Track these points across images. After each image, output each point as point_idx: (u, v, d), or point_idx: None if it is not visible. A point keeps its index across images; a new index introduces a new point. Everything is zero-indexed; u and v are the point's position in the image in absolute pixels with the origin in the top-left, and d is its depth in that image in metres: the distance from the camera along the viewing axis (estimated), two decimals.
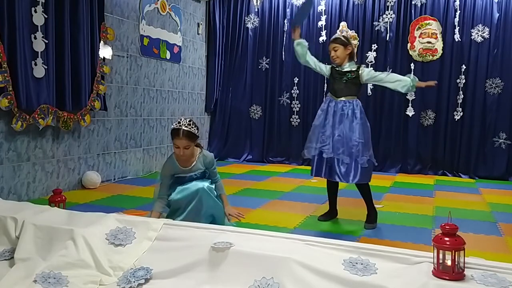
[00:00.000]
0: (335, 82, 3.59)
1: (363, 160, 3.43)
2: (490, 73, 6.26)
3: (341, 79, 3.55)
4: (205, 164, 3.13)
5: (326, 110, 3.58)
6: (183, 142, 2.94)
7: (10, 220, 2.55)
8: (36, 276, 2.14)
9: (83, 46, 4.55)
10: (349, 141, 3.45)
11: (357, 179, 3.45)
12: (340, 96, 3.54)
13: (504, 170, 6.22)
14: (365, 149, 3.47)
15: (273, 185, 5.30)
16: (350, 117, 3.48)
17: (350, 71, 3.54)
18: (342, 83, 3.54)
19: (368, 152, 3.49)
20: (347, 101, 3.52)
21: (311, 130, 3.69)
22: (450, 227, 1.92)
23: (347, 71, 3.55)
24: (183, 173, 3.10)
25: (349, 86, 3.53)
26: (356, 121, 3.48)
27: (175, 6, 6.36)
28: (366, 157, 3.46)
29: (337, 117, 3.51)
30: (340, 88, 3.55)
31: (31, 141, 4.19)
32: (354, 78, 3.52)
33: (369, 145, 3.53)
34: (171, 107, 6.41)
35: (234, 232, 2.42)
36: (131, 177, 5.54)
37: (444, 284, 1.86)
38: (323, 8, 6.89)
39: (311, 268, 2.04)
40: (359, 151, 3.44)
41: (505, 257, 2.95)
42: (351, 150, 3.44)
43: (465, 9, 6.34)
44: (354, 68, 3.55)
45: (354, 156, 3.43)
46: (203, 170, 3.14)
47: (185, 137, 2.93)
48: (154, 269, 2.22)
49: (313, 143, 3.60)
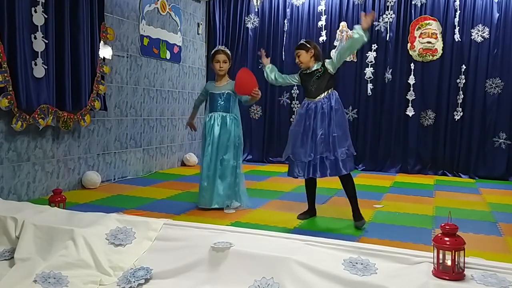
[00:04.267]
0: (308, 84, 3.67)
1: (342, 151, 3.49)
2: (490, 73, 6.26)
3: (311, 80, 3.63)
4: (232, 86, 4.01)
5: (304, 114, 3.62)
6: (222, 56, 4.05)
7: (10, 220, 2.55)
8: (36, 276, 2.14)
9: (83, 46, 4.54)
10: (329, 137, 3.51)
11: (336, 171, 3.50)
12: (316, 96, 3.60)
13: (504, 170, 6.22)
14: (342, 141, 3.52)
15: (273, 185, 5.30)
16: (329, 113, 3.55)
17: (316, 70, 3.62)
18: (314, 83, 3.61)
19: (346, 143, 3.54)
20: (325, 97, 3.58)
21: (291, 135, 3.71)
22: (450, 227, 1.92)
23: (314, 70, 3.63)
24: (215, 90, 4.09)
25: (321, 82, 3.60)
26: (333, 115, 3.54)
27: (175, 6, 6.36)
28: (344, 148, 3.51)
29: (318, 117, 3.56)
30: (314, 88, 3.62)
31: (31, 141, 4.19)
32: (323, 73, 3.60)
33: (346, 135, 3.58)
34: (171, 107, 6.41)
35: (234, 232, 2.43)
36: (131, 177, 5.54)
37: (444, 284, 1.86)
38: (323, 8, 6.89)
39: (311, 268, 2.05)
40: (335, 145, 3.49)
41: (505, 257, 2.95)
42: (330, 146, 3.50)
43: (465, 9, 6.34)
44: (319, 66, 3.63)
45: (333, 151, 3.49)
46: (231, 92, 4.05)
47: (223, 53, 4.07)
48: (154, 269, 2.22)
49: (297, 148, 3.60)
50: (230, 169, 4.03)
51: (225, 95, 4.07)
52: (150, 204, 4.22)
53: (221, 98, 4.08)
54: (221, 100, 4.08)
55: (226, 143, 4.04)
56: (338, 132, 3.52)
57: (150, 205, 4.18)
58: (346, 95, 6.50)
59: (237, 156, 4.09)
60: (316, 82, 3.61)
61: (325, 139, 3.52)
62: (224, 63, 4.06)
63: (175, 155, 6.56)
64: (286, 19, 7.10)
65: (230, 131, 4.05)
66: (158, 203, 4.29)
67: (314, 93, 3.61)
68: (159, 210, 3.95)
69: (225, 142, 4.03)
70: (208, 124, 4.08)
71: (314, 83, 3.61)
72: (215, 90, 4.11)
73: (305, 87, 3.71)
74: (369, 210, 4.07)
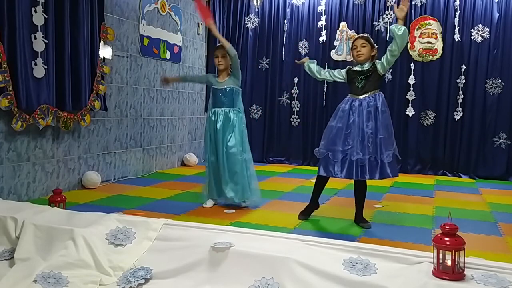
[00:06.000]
0: (355, 81, 3.58)
1: (388, 155, 3.41)
2: (490, 73, 6.26)
3: (360, 78, 3.54)
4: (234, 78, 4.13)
5: (348, 111, 3.52)
6: (220, 51, 4.08)
7: (10, 220, 2.55)
8: (36, 276, 2.14)
9: (83, 46, 4.54)
10: (376, 138, 3.42)
11: (383, 175, 3.41)
12: (362, 93, 3.52)
13: (504, 170, 6.22)
14: (388, 144, 3.44)
15: (273, 185, 5.30)
16: (374, 113, 3.46)
17: (367, 69, 3.53)
18: (362, 80, 3.53)
19: (392, 146, 3.47)
20: (370, 96, 3.50)
21: (331, 131, 3.55)
22: (450, 227, 1.92)
23: (365, 69, 3.54)
24: (218, 85, 4.13)
25: (370, 82, 3.51)
26: (379, 116, 3.46)
27: (175, 6, 6.36)
28: (391, 151, 3.44)
29: (364, 114, 3.47)
30: (360, 85, 3.53)
31: (31, 141, 4.19)
32: (373, 72, 3.51)
33: (391, 139, 3.50)
34: (171, 107, 6.41)
35: (234, 232, 2.43)
36: (131, 177, 5.54)
37: (444, 284, 1.86)
38: (323, 8, 6.89)
39: (311, 268, 2.05)
40: (381, 147, 3.40)
41: (505, 257, 2.95)
42: (377, 147, 3.41)
43: (465, 9, 6.34)
44: (370, 66, 3.54)
45: (379, 153, 3.40)
46: (232, 88, 4.11)
47: (221, 48, 4.08)
48: (154, 269, 2.22)
49: (338, 146, 3.48)
50: (239, 163, 4.07)
51: (228, 91, 4.12)
52: (150, 204, 4.22)
53: (224, 94, 4.12)
54: (224, 96, 4.12)
55: (229, 132, 4.08)
56: (385, 134, 3.43)
57: (150, 205, 4.18)
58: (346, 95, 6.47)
59: (242, 146, 4.13)
60: (364, 80, 3.52)
61: (374, 140, 3.42)
62: (223, 57, 4.10)
63: (175, 155, 6.56)
64: (286, 19, 7.09)
65: (233, 124, 4.10)
66: (158, 203, 4.29)
67: (360, 91, 3.53)
68: (159, 210, 3.95)
69: (228, 131, 4.08)
70: (211, 119, 4.14)
71: (362, 81, 3.52)
72: (218, 86, 4.15)
73: (351, 83, 3.61)
74: (369, 210, 4.06)
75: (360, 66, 3.58)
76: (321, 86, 6.93)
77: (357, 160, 3.41)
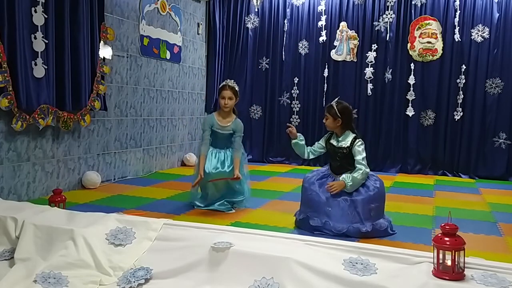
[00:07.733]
0: (331, 158, 3.55)
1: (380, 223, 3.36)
2: (490, 73, 6.26)
3: (335, 156, 3.49)
4: (235, 128, 3.94)
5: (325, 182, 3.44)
6: (228, 93, 3.87)
7: (10, 220, 2.55)
8: (36, 276, 2.14)
9: (83, 46, 4.54)
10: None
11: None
12: (338, 174, 3.45)
13: (504, 170, 6.22)
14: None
15: (273, 185, 5.30)
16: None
17: (342, 147, 3.43)
18: (337, 161, 3.48)
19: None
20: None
21: (309, 198, 3.43)
22: (450, 227, 1.92)
23: (342, 146, 3.44)
24: (220, 129, 3.93)
25: (345, 163, 3.43)
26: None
27: (175, 6, 6.36)
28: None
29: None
30: (336, 165, 3.49)
31: (31, 141, 4.19)
32: (348, 153, 3.42)
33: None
34: (171, 107, 6.41)
35: (234, 232, 2.43)
36: (131, 177, 5.54)
37: (444, 284, 1.86)
38: (323, 8, 6.89)
39: (311, 268, 2.05)
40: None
41: (505, 257, 2.95)
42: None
43: (465, 9, 6.34)
44: (348, 144, 3.41)
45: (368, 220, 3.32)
46: (232, 132, 3.93)
47: (230, 89, 3.89)
48: (154, 269, 2.22)
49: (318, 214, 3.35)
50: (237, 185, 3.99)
51: (230, 135, 3.97)
52: (150, 204, 4.22)
53: (226, 138, 3.97)
54: (226, 140, 3.98)
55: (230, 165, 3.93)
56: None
57: (150, 205, 4.18)
58: (346, 95, 6.49)
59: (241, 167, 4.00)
60: (341, 159, 3.45)
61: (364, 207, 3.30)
62: (230, 99, 3.89)
63: (175, 155, 6.56)
64: (286, 19, 7.10)
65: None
66: (158, 203, 4.28)
67: (337, 171, 3.46)
68: (159, 210, 3.95)
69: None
70: (208, 155, 3.95)
71: (337, 162, 3.47)
72: (220, 129, 3.95)
73: (331, 157, 3.57)
74: None
75: (336, 140, 3.49)
76: (321, 86, 6.93)
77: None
